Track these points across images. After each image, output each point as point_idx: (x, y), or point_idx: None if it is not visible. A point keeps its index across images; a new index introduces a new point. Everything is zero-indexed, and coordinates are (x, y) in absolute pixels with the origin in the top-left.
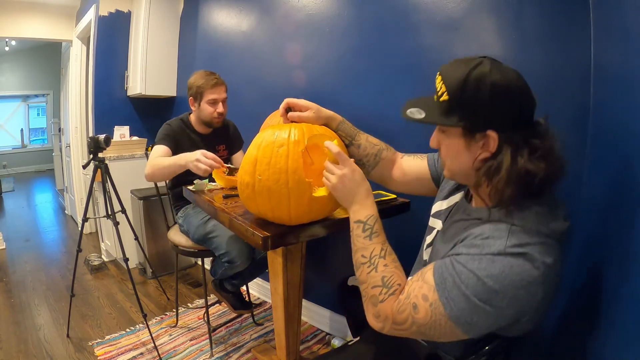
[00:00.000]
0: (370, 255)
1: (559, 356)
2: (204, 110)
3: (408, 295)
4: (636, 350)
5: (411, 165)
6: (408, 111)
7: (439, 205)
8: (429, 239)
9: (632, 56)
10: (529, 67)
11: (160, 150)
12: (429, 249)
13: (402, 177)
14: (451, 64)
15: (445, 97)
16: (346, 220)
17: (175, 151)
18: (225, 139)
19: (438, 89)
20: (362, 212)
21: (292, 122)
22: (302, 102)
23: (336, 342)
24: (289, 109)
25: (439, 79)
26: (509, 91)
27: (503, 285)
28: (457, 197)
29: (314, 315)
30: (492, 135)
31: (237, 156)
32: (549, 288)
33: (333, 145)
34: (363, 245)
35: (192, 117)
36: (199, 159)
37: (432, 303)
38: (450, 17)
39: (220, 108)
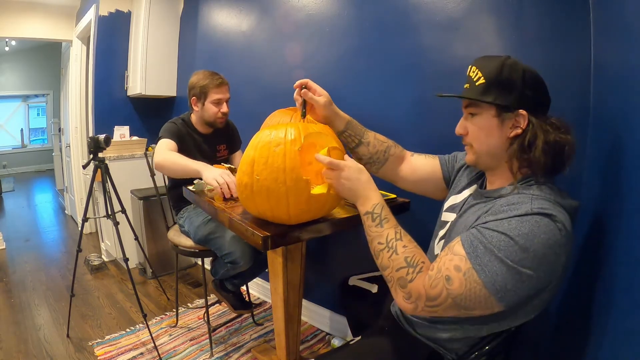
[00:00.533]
0: (387, 240)
1: (558, 356)
2: (208, 110)
3: (439, 270)
4: (634, 352)
5: (421, 164)
6: (444, 94)
7: (453, 200)
8: (441, 232)
9: (632, 56)
10: None
11: (169, 144)
12: (441, 242)
13: (411, 175)
14: (482, 58)
15: (482, 80)
16: (346, 220)
17: (178, 150)
18: (226, 138)
19: (473, 77)
20: (367, 203)
21: (302, 99)
22: (318, 87)
23: (336, 342)
24: (304, 88)
25: (473, 69)
26: (536, 78)
27: (533, 243)
28: (471, 189)
29: (314, 315)
30: (523, 113)
31: (237, 155)
32: (568, 254)
33: (321, 156)
34: (377, 233)
35: (194, 117)
36: (222, 175)
37: (465, 272)
38: (450, 17)
39: (224, 108)
